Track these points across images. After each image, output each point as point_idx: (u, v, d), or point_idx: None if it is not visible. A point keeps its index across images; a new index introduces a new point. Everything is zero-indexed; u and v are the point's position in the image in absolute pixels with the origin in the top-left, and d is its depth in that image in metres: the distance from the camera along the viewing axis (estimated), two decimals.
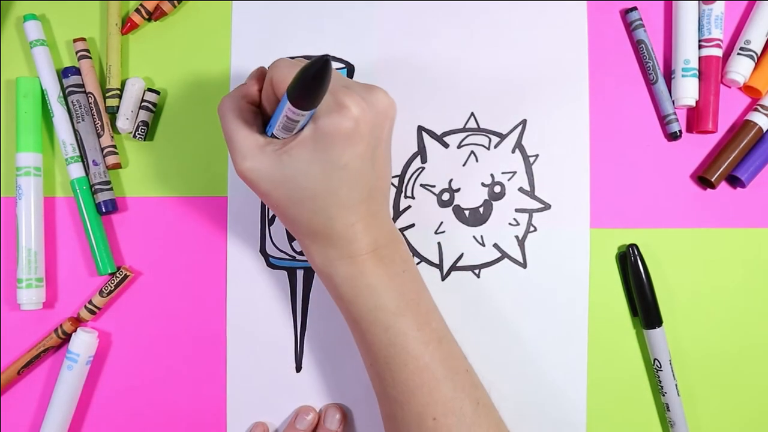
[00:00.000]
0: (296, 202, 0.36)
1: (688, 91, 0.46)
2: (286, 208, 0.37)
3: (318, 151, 0.35)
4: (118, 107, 0.46)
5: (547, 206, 0.46)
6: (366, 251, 0.37)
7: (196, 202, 0.47)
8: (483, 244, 0.46)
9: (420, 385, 0.37)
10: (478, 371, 0.41)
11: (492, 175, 0.47)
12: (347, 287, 0.38)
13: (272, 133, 0.37)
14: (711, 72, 0.46)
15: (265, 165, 0.36)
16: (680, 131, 0.46)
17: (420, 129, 0.46)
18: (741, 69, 0.46)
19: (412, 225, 0.46)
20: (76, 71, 0.46)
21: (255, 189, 0.37)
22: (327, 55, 0.30)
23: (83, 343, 0.44)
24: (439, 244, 0.46)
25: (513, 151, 0.47)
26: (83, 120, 0.46)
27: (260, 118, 0.39)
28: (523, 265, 0.46)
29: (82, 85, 0.46)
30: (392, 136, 0.39)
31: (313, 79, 0.31)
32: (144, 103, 0.46)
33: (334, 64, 0.47)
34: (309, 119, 0.35)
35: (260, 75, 0.39)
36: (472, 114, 0.47)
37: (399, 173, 0.46)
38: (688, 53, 0.46)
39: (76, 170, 0.46)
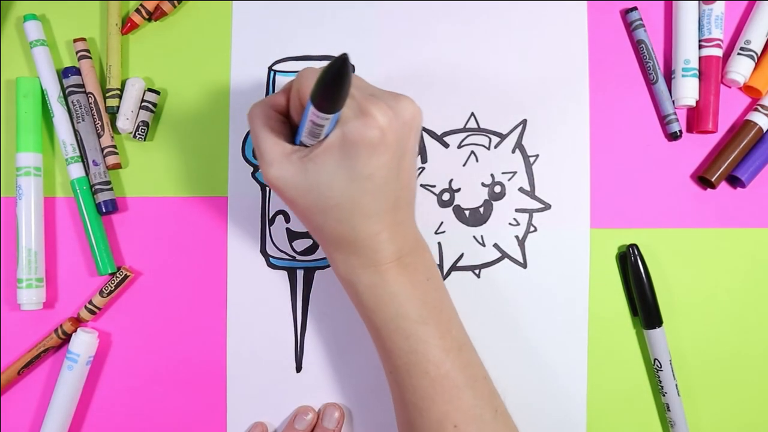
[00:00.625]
0: (321, 211, 0.36)
1: (688, 91, 0.46)
2: (312, 216, 0.37)
3: (343, 159, 0.34)
4: (118, 107, 0.46)
5: (547, 206, 0.46)
6: (390, 260, 0.37)
7: (196, 202, 0.47)
8: (483, 244, 0.46)
9: (441, 393, 0.37)
10: None
11: (492, 175, 0.47)
12: (370, 295, 0.38)
13: (300, 141, 0.36)
14: (711, 72, 0.46)
15: (290, 173, 0.36)
16: (680, 131, 0.46)
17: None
18: (741, 69, 0.46)
19: None
20: (76, 71, 0.46)
21: (281, 196, 0.37)
22: (345, 54, 0.29)
23: (83, 343, 0.44)
24: (439, 244, 0.46)
25: (513, 151, 0.47)
26: (83, 120, 0.46)
27: (288, 127, 0.38)
28: (524, 265, 0.46)
29: (82, 85, 0.46)
30: None
31: (333, 79, 0.30)
32: (144, 103, 0.46)
33: None
34: (334, 125, 0.34)
35: (289, 87, 0.38)
36: (473, 114, 0.47)
37: None
38: (688, 53, 0.46)
39: (76, 170, 0.46)
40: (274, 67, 0.47)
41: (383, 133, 0.34)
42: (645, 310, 0.45)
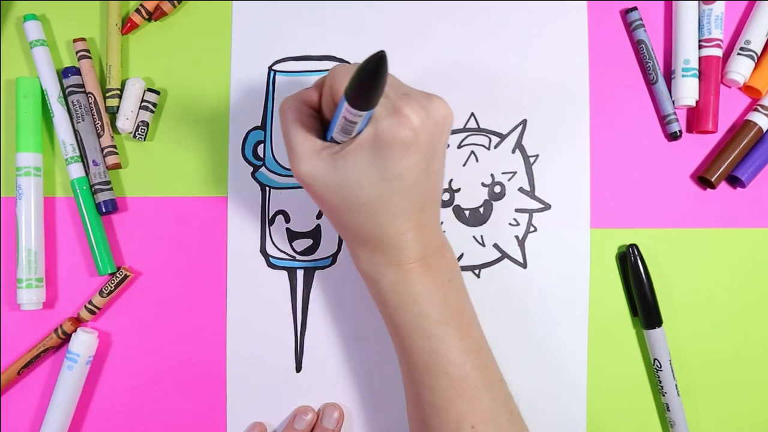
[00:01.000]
0: (348, 208, 0.36)
1: (688, 91, 0.46)
2: (339, 213, 0.37)
3: (374, 158, 0.34)
4: (118, 107, 0.46)
5: (547, 206, 0.46)
6: (414, 260, 0.37)
7: (196, 202, 0.47)
8: (483, 244, 0.46)
9: (459, 393, 0.37)
10: None
11: (492, 175, 0.47)
12: (392, 293, 0.38)
13: (331, 137, 0.36)
14: (711, 72, 0.46)
15: (320, 168, 0.35)
16: (680, 131, 0.46)
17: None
18: (741, 69, 0.46)
19: None
20: (76, 71, 0.46)
21: (309, 191, 0.37)
22: (382, 51, 0.29)
23: (83, 343, 0.44)
24: None
25: (513, 151, 0.47)
26: (83, 120, 0.46)
27: (320, 123, 0.38)
28: (523, 265, 0.46)
29: (82, 85, 0.46)
30: None
31: (369, 76, 0.30)
32: (144, 103, 0.46)
33: (333, 64, 0.47)
34: (366, 122, 0.34)
35: (322, 83, 0.38)
36: (472, 114, 0.47)
37: None
38: (688, 53, 0.46)
39: (76, 170, 0.46)
40: (274, 67, 0.47)
41: (416, 133, 0.34)
42: (645, 310, 0.45)
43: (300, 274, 0.46)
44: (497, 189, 0.46)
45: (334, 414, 0.45)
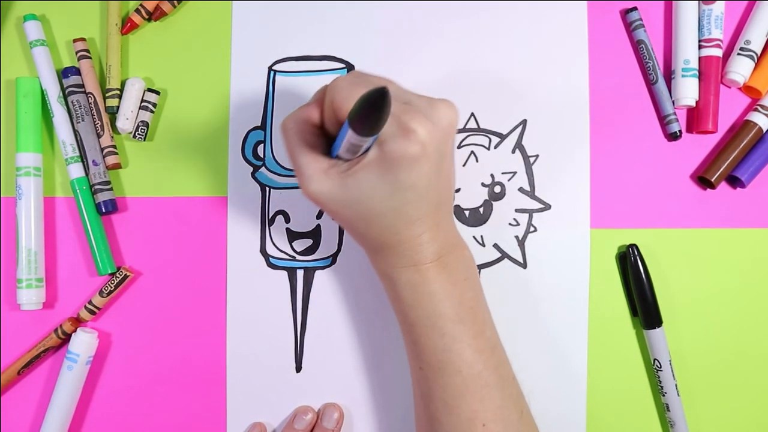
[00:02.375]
0: (364, 220, 0.36)
1: (688, 91, 0.46)
2: (354, 225, 0.37)
3: (384, 174, 0.34)
4: (118, 107, 0.46)
5: (547, 206, 0.46)
6: (431, 259, 0.37)
7: (196, 202, 0.47)
8: (483, 245, 0.46)
9: (472, 392, 0.37)
10: None
11: (492, 175, 0.47)
12: (408, 292, 0.38)
13: (337, 155, 0.36)
14: (711, 72, 0.46)
15: (329, 188, 0.35)
16: (680, 131, 0.46)
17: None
18: (741, 69, 0.46)
19: None
20: (76, 71, 0.46)
21: (323, 208, 0.37)
22: (385, 88, 0.29)
23: (83, 343, 0.44)
24: None
25: (513, 151, 0.47)
26: (83, 120, 0.46)
27: (323, 139, 0.38)
28: (523, 265, 0.46)
29: (82, 85, 0.46)
30: None
31: (372, 109, 0.30)
32: (144, 103, 0.46)
33: (333, 64, 0.47)
34: (373, 142, 0.34)
35: (321, 98, 0.38)
36: (472, 114, 0.47)
37: None
38: (688, 53, 0.46)
39: (76, 170, 0.46)
40: (274, 67, 0.47)
41: (424, 146, 0.34)
42: (645, 310, 0.45)
43: (300, 274, 0.46)
44: (497, 189, 0.46)
45: (334, 414, 0.45)
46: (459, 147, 0.47)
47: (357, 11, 0.47)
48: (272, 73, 0.47)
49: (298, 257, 0.46)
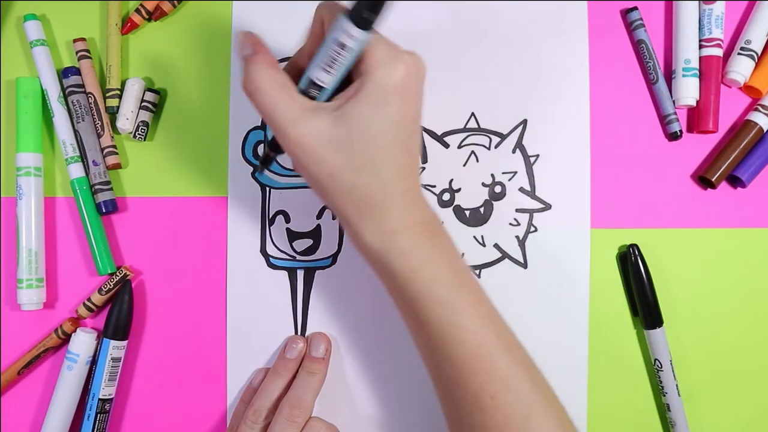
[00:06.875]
0: (353, 168, 0.34)
1: (688, 90, 0.46)
2: (341, 175, 0.35)
3: (376, 108, 0.33)
4: (118, 107, 0.46)
5: (547, 206, 0.46)
6: (419, 221, 0.36)
7: (196, 202, 0.47)
8: (483, 245, 0.46)
9: (477, 362, 0.36)
10: None
11: (492, 175, 0.47)
12: (403, 263, 0.36)
13: (307, 84, 0.35)
14: (711, 72, 0.46)
15: (319, 127, 0.34)
16: (680, 131, 0.46)
17: (420, 129, 0.46)
18: (741, 69, 0.46)
19: None
20: (76, 71, 0.46)
21: (306, 158, 0.35)
22: None
23: (83, 343, 0.44)
24: None
25: (513, 151, 0.47)
26: (83, 120, 0.46)
27: (292, 83, 0.36)
28: (524, 265, 0.46)
29: (82, 85, 0.46)
30: None
31: None
32: (144, 103, 0.46)
33: None
34: (354, 59, 0.34)
35: (259, 43, 0.37)
36: (473, 114, 0.47)
37: None
38: (688, 53, 0.46)
39: (76, 170, 0.46)
40: None
41: (408, 72, 0.34)
42: (645, 310, 0.45)
43: (300, 274, 0.46)
44: (498, 189, 0.46)
45: (321, 346, 0.45)
46: (459, 147, 0.47)
47: None
48: None
49: (299, 257, 0.46)
